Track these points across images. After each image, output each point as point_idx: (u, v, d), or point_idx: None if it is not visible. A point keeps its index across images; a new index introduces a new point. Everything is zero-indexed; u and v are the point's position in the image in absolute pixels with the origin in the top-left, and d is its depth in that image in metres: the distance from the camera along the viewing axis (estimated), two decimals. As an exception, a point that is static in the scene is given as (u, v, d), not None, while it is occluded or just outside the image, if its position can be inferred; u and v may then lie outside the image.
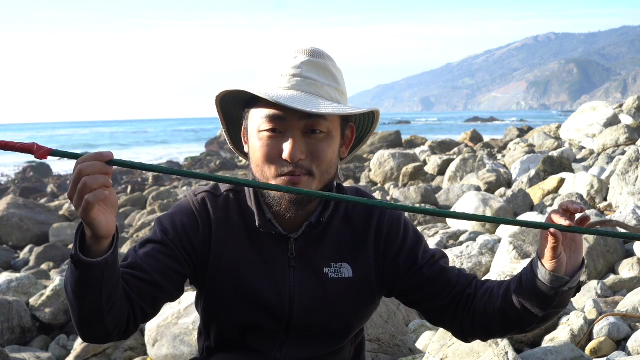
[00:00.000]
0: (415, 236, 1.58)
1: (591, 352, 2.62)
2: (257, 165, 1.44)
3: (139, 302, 1.40)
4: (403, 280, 1.55)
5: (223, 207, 1.52)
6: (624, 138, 8.80)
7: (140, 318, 1.43)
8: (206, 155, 24.47)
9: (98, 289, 1.25)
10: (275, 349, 1.52)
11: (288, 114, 1.39)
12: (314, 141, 1.42)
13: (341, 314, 1.52)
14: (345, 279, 1.51)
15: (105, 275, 1.24)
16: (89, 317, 1.30)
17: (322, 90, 1.43)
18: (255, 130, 1.44)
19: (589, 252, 3.52)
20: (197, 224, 1.50)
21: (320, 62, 1.45)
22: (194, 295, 3.70)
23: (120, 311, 1.34)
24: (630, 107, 12.25)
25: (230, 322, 1.52)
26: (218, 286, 1.50)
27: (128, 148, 40.52)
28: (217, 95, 1.48)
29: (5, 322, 4.40)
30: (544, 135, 12.18)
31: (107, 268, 1.24)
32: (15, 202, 10.02)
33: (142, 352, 3.89)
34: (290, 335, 1.52)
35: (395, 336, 2.88)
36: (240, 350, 1.54)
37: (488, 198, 5.68)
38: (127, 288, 1.38)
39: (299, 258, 1.51)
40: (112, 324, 1.33)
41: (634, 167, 5.01)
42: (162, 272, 1.44)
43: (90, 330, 1.34)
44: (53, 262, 7.76)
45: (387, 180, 9.91)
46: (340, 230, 1.54)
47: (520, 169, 8.02)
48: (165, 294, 1.45)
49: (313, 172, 1.43)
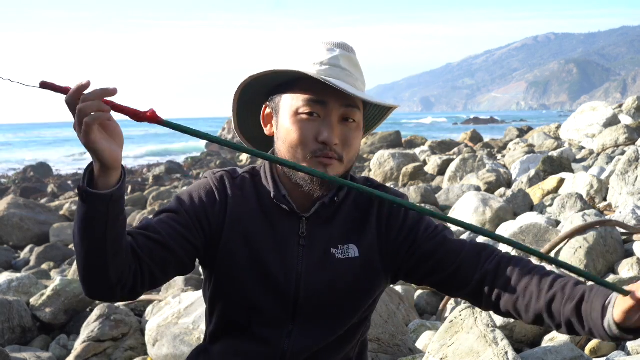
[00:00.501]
0: (416, 215, 1.58)
1: (591, 352, 2.63)
2: (290, 146, 1.47)
3: (148, 262, 1.41)
4: (405, 259, 1.56)
5: (239, 186, 1.57)
6: (623, 138, 8.81)
7: (149, 280, 1.43)
8: (206, 155, 24.48)
9: (103, 226, 1.27)
10: (283, 336, 1.52)
11: (330, 100, 1.45)
12: (347, 129, 1.48)
13: (347, 293, 1.53)
14: (351, 259, 1.54)
15: (110, 211, 1.27)
16: (93, 261, 1.31)
17: (357, 83, 1.50)
18: (290, 112, 1.47)
19: (589, 252, 3.53)
20: (215, 198, 1.54)
21: (352, 56, 1.51)
22: (194, 295, 3.72)
23: (125, 263, 1.35)
24: (630, 107, 12.27)
25: (237, 299, 1.53)
26: (228, 259, 1.52)
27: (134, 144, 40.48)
28: (245, 80, 1.49)
29: (6, 322, 4.40)
30: (543, 136, 12.19)
31: (112, 204, 1.26)
32: (15, 202, 10.03)
33: (142, 351, 3.90)
34: (297, 322, 1.53)
35: (395, 336, 2.89)
36: (246, 340, 1.54)
37: (488, 198, 5.68)
38: (137, 247, 1.40)
39: (308, 237, 1.53)
40: (115, 275, 1.34)
41: (633, 167, 5.02)
42: (174, 237, 1.46)
43: (93, 278, 1.35)
44: (53, 262, 7.76)
45: (387, 180, 9.92)
46: (349, 212, 1.57)
47: (520, 169, 8.02)
48: (176, 258, 1.46)
49: (343, 159, 1.49)
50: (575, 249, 3.56)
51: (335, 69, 1.47)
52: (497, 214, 5.41)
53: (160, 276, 1.46)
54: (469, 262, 1.51)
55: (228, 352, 1.57)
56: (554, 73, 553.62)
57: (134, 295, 1.42)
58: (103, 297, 1.41)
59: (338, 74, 1.46)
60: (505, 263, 1.48)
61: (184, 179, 16.50)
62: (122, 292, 1.39)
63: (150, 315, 4.32)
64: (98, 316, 3.98)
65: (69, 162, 29.06)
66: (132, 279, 1.39)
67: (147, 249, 1.42)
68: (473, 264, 1.50)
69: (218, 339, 1.60)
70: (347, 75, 1.48)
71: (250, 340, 1.54)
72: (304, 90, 1.46)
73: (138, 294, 1.43)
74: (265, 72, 1.48)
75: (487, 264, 1.49)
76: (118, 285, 1.37)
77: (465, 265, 1.51)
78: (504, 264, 1.48)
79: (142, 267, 1.41)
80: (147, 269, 1.42)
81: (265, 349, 1.53)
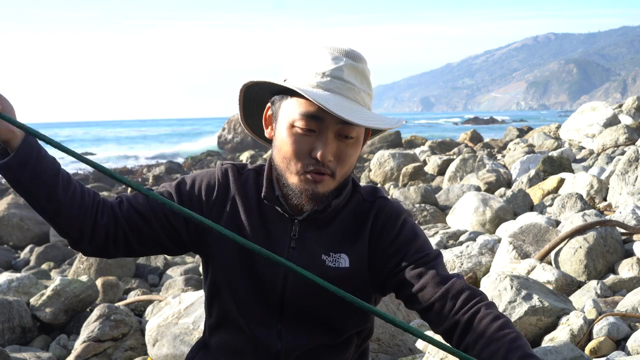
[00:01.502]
0: (411, 233, 1.53)
1: (591, 352, 2.63)
2: (283, 157, 1.46)
3: (124, 225, 1.51)
4: (390, 277, 1.51)
5: (244, 181, 1.58)
6: (623, 138, 8.81)
7: (123, 243, 1.53)
8: (206, 155, 24.48)
9: (23, 189, 1.41)
10: (274, 338, 1.52)
11: (326, 116, 1.40)
12: (343, 145, 1.44)
13: (335, 304, 1.50)
14: (342, 269, 1.51)
15: (19, 177, 1.39)
16: (45, 218, 1.46)
17: (359, 96, 1.44)
18: (287, 122, 1.44)
19: (589, 252, 3.53)
20: (214, 189, 1.56)
21: (359, 66, 1.45)
22: (194, 295, 3.72)
23: (77, 217, 1.46)
24: (630, 107, 12.26)
25: (228, 293, 1.54)
26: (222, 251, 1.53)
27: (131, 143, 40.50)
28: (245, 83, 1.50)
29: (6, 322, 4.40)
30: (543, 135, 12.19)
31: (18, 170, 1.38)
32: (15, 202, 10.03)
33: (142, 352, 3.90)
34: (284, 322, 1.52)
35: (395, 336, 2.89)
36: (241, 338, 1.55)
37: (488, 198, 5.68)
38: (118, 209, 1.51)
39: (300, 240, 1.52)
40: (70, 228, 1.47)
41: (633, 167, 5.02)
42: (157, 213, 1.52)
43: (57, 231, 1.49)
44: (53, 262, 7.76)
45: (387, 180, 9.92)
46: (346, 222, 1.54)
47: (520, 169, 8.02)
48: (153, 233, 1.53)
49: (335, 174, 1.46)
50: (575, 249, 3.56)
51: (336, 81, 1.41)
52: (497, 214, 5.41)
53: (137, 245, 1.54)
54: (444, 304, 1.42)
55: (225, 349, 1.57)
56: (553, 73, 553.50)
57: (106, 253, 1.53)
58: (74, 247, 1.52)
59: (339, 87, 1.41)
60: (478, 319, 1.37)
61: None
62: (90, 246, 1.50)
63: (150, 315, 4.32)
64: (98, 316, 3.98)
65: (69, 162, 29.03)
66: (104, 237, 1.50)
67: (126, 213, 1.51)
68: (449, 307, 1.42)
69: (216, 333, 1.61)
70: (349, 88, 1.42)
71: (245, 338, 1.54)
72: (302, 103, 1.42)
73: (110, 253, 1.54)
74: (262, 81, 1.47)
75: (460, 314, 1.39)
76: (82, 240, 1.49)
77: (439, 306, 1.42)
78: (477, 319, 1.37)
79: (117, 229, 1.50)
80: (121, 232, 1.51)
81: (260, 349, 1.53)
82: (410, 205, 6.35)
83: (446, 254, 4.10)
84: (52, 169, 1.42)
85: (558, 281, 3.32)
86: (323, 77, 1.42)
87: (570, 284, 3.36)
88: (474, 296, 1.42)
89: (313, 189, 1.44)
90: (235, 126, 27.64)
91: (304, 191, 1.45)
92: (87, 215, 1.47)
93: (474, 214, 5.47)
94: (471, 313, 1.38)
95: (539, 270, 3.40)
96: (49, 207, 1.43)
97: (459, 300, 1.41)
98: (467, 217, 5.50)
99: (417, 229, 1.56)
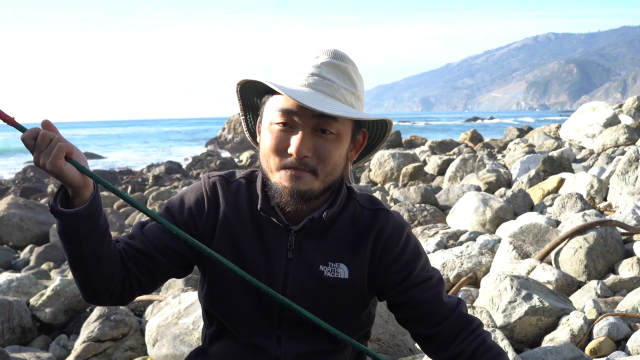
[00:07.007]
0: (415, 251, 1.54)
1: (591, 352, 2.63)
2: (264, 155, 1.47)
3: (134, 271, 1.48)
4: (391, 293, 1.53)
5: (234, 192, 1.56)
6: (623, 138, 8.81)
7: (137, 288, 1.50)
8: (206, 155, 24.48)
9: (76, 239, 1.36)
10: (273, 345, 1.52)
11: (300, 110, 1.40)
12: (322, 141, 1.43)
13: (333, 313, 1.51)
14: (340, 279, 1.51)
15: (80, 226, 1.34)
16: (77, 271, 1.41)
17: (338, 92, 1.43)
18: (267, 121, 1.46)
19: (589, 252, 3.53)
20: (204, 206, 1.54)
21: (340, 64, 1.45)
22: (194, 295, 3.72)
23: (110, 273, 1.43)
24: (630, 107, 12.26)
25: (229, 305, 1.53)
26: (218, 266, 1.52)
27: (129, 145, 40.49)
28: (237, 83, 1.52)
29: (6, 322, 4.40)
30: (543, 135, 12.18)
31: (82, 220, 1.34)
32: (15, 202, 10.03)
33: (142, 352, 3.90)
34: (284, 329, 1.52)
35: (395, 336, 2.89)
36: (241, 346, 1.55)
37: (488, 198, 5.68)
38: (125, 255, 1.47)
39: (297, 251, 1.51)
40: (100, 284, 1.43)
41: (633, 167, 5.02)
42: (158, 246, 1.49)
43: (81, 286, 1.45)
44: (53, 262, 7.76)
45: (387, 180, 9.92)
46: (343, 231, 1.53)
47: (520, 169, 8.02)
48: (162, 268, 1.51)
49: (317, 172, 1.44)
50: (575, 249, 3.56)
51: (314, 77, 1.42)
52: (497, 214, 5.40)
53: (149, 284, 1.51)
54: (450, 331, 1.50)
55: (225, 356, 1.57)
56: (554, 73, 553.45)
57: (123, 301, 1.50)
58: (93, 302, 1.48)
59: (316, 83, 1.42)
60: (482, 350, 1.49)
61: (184, 179, 16.49)
62: (110, 299, 1.47)
63: (150, 315, 4.31)
64: (98, 316, 3.98)
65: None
66: (120, 287, 1.47)
67: (133, 258, 1.48)
68: (454, 334, 1.50)
69: (215, 342, 1.60)
70: (326, 84, 1.42)
71: (244, 346, 1.54)
72: (278, 99, 1.43)
73: (127, 300, 1.50)
74: (245, 80, 1.49)
75: (465, 343, 1.49)
76: (106, 293, 1.45)
77: (445, 333, 1.50)
78: (482, 350, 1.48)
79: (130, 276, 1.47)
80: (134, 278, 1.48)
81: (259, 355, 1.53)
82: (410, 205, 6.35)
83: (446, 254, 4.09)
84: (105, 224, 1.41)
85: (558, 281, 3.32)
86: (301, 74, 1.44)
87: (570, 284, 3.35)
88: (476, 324, 1.52)
89: (293, 186, 1.43)
90: (235, 126, 27.64)
91: (284, 188, 1.44)
92: (116, 270, 1.45)
93: (474, 214, 5.47)
94: (477, 343, 1.49)
95: (539, 270, 3.39)
96: (90, 260, 1.39)
97: (465, 330, 1.50)
98: (467, 217, 5.49)
99: (419, 245, 1.58)
